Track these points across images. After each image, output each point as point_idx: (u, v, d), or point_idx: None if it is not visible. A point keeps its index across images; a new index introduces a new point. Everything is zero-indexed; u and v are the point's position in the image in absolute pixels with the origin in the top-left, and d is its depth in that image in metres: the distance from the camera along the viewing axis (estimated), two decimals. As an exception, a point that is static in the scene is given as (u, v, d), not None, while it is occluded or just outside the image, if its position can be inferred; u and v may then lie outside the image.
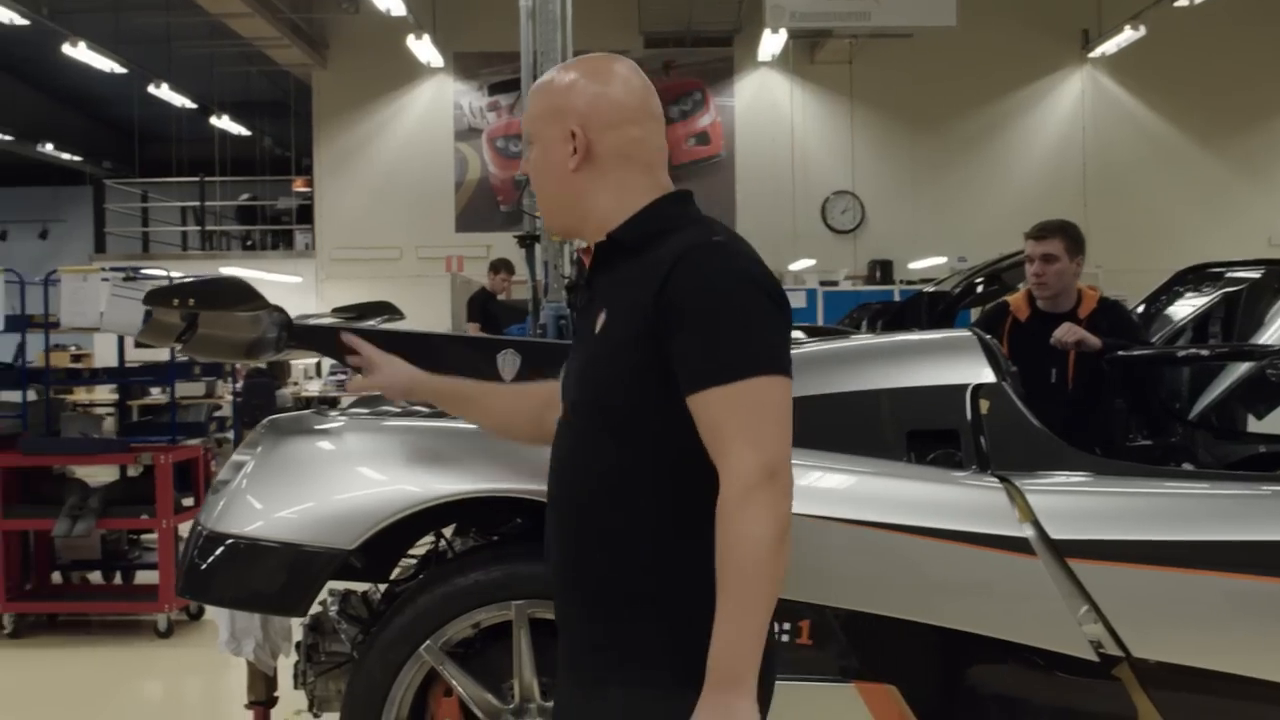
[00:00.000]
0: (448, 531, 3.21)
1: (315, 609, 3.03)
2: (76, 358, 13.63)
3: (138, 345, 6.36)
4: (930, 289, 8.74)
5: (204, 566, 2.70)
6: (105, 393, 11.77)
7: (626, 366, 1.86)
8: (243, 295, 2.59)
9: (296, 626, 3.33)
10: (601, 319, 1.91)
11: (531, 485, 2.64)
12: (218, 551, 2.69)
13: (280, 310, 2.80)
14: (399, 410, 2.99)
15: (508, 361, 2.97)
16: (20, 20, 13.37)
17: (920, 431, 3.11)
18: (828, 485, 2.85)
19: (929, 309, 8.13)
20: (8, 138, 19.89)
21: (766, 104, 16.90)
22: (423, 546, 3.24)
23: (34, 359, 7.98)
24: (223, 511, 2.75)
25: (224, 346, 2.75)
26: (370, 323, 3.90)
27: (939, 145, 16.74)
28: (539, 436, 2.27)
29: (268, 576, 2.71)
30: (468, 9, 16.17)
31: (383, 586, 3.30)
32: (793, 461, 1.79)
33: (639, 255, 1.90)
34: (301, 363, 14.75)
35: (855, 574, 2.79)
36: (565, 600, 1.99)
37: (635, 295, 1.86)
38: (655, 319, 1.82)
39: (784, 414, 1.81)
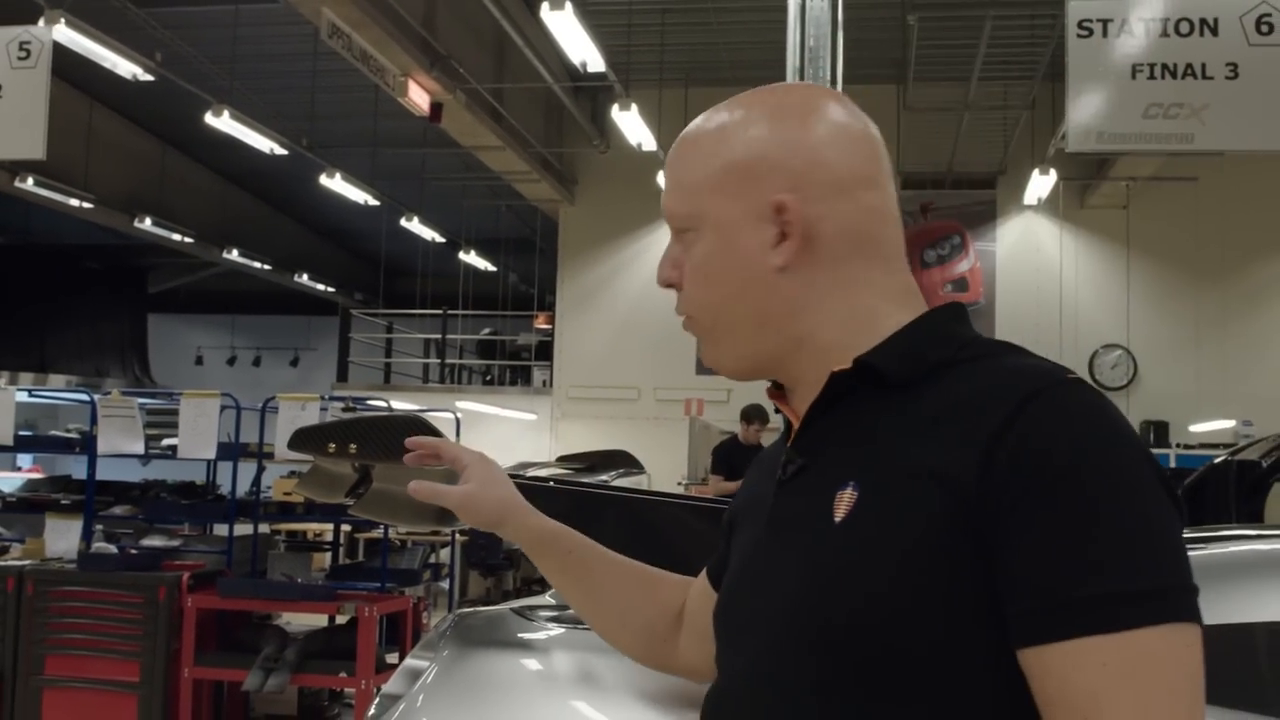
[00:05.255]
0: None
1: None
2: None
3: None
4: (1236, 457, 7.59)
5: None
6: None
7: (909, 585, 1.04)
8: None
9: None
10: (846, 500, 1.10)
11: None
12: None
13: (479, 463, 2.01)
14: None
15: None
16: (280, 150, 13.54)
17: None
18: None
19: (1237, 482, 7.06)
20: (266, 267, 20.40)
21: (1031, 249, 15.80)
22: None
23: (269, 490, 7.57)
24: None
25: (407, 508, 1.97)
26: (601, 477, 3.13)
27: (1224, 298, 15.29)
28: (646, 655, 1.50)
29: None
30: (719, 146, 15.76)
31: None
32: None
33: (905, 395, 1.13)
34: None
35: None
36: None
37: (921, 459, 1.07)
38: (977, 503, 1.02)
39: (1201, 694, 1.00)
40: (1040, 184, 13.76)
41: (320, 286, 22.42)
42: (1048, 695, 1.00)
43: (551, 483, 2.09)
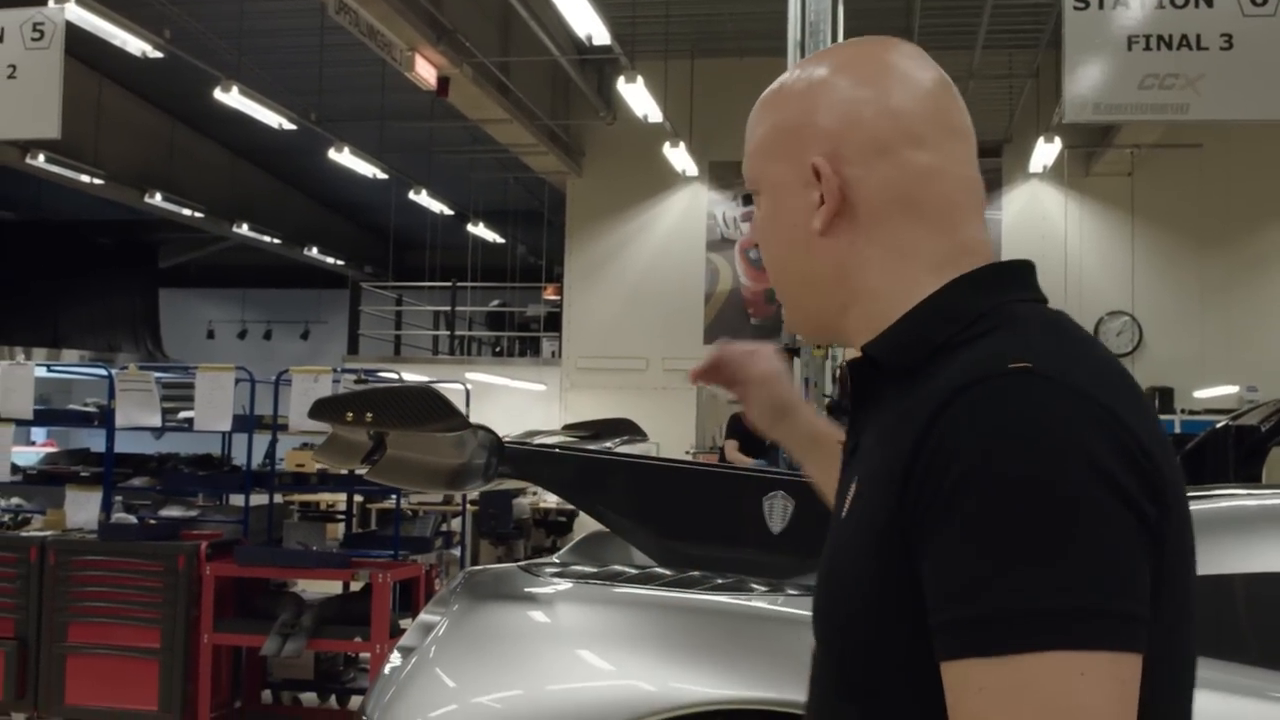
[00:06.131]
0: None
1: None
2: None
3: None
4: (1236, 422, 7.70)
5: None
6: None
7: (862, 588, 1.04)
8: (432, 410, 1.92)
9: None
10: (852, 494, 1.10)
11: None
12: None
13: (487, 430, 2.13)
14: (634, 572, 2.22)
15: (776, 509, 2.18)
16: (289, 125, 13.63)
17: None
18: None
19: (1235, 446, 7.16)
20: (276, 241, 20.52)
21: (1037, 217, 15.86)
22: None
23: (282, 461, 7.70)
24: (395, 697, 2.08)
25: (420, 473, 2.10)
26: (606, 445, 3.25)
27: (1228, 264, 15.36)
28: None
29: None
30: (724, 117, 15.79)
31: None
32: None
33: (911, 383, 1.07)
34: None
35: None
36: None
37: (886, 458, 1.04)
38: (901, 508, 0.99)
39: None
40: (1045, 152, 13.83)
41: (330, 260, 22.54)
42: (948, 709, 0.95)
43: (557, 449, 2.22)
